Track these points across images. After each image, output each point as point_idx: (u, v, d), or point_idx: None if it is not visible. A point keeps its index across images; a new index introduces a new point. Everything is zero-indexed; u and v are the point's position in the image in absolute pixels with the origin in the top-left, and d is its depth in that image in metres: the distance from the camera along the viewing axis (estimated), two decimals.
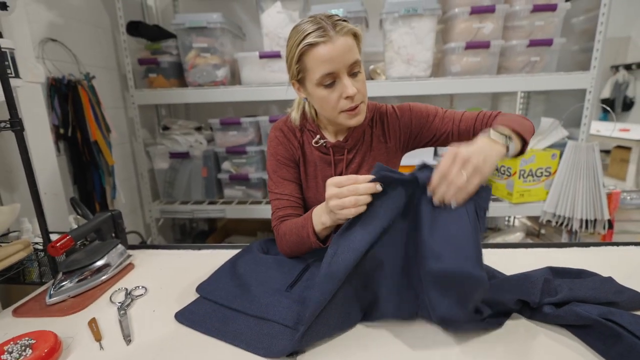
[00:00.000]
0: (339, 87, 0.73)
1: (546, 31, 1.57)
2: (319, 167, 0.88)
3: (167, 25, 1.86)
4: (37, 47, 1.34)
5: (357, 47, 0.74)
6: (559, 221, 1.62)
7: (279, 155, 0.87)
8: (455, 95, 2.06)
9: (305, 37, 0.70)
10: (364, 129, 0.87)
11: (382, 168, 0.60)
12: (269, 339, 0.57)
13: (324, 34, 0.69)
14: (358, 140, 0.87)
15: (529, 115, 2.10)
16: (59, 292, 0.74)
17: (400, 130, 0.87)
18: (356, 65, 0.73)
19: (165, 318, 0.67)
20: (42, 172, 1.22)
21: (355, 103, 0.75)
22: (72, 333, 0.64)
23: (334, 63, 0.70)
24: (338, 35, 0.70)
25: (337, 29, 0.70)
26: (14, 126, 0.80)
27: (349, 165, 0.88)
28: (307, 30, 0.70)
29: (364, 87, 0.76)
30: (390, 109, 0.89)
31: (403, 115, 0.87)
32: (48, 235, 0.88)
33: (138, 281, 0.82)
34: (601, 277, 0.68)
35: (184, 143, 1.83)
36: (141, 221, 2.00)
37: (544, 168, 1.63)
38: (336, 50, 0.69)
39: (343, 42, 0.70)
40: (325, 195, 0.64)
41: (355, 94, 0.73)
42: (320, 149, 0.87)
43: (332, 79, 0.72)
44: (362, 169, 0.88)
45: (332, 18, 0.71)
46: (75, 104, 1.44)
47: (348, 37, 0.71)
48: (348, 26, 0.71)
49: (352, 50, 0.71)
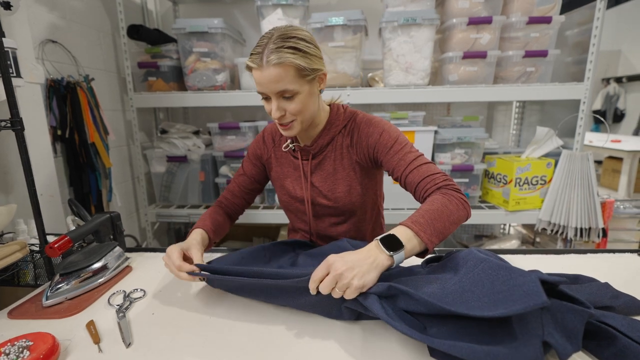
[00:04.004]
0: (270, 104, 0.77)
1: (541, 43, 1.61)
2: (289, 169, 0.94)
3: (168, 30, 1.88)
4: (37, 48, 1.34)
5: (293, 75, 0.72)
6: (554, 229, 1.64)
7: (250, 151, 0.99)
8: (452, 104, 2.09)
9: (250, 55, 0.74)
10: (334, 136, 0.88)
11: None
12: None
13: (256, 60, 0.72)
14: (325, 146, 0.89)
15: (524, 124, 2.13)
16: (56, 294, 0.73)
17: (366, 148, 0.86)
18: (286, 92, 0.74)
19: (165, 321, 0.67)
20: (39, 173, 1.20)
21: (282, 122, 0.79)
22: (69, 335, 0.63)
23: (262, 87, 0.74)
24: (268, 65, 0.71)
25: (268, 59, 0.70)
26: (15, 126, 0.80)
27: (316, 170, 0.90)
28: (253, 50, 0.74)
29: (298, 107, 0.76)
30: (363, 124, 0.87)
31: (370, 136, 0.85)
32: (45, 236, 0.87)
33: (136, 284, 0.81)
34: (598, 282, 0.69)
35: (181, 147, 1.83)
36: (136, 225, 1.98)
37: (539, 176, 1.65)
38: (264, 78, 0.72)
39: (271, 73, 0.71)
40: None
41: (277, 117, 0.77)
42: (290, 152, 0.93)
43: (266, 96, 0.77)
44: (331, 177, 0.90)
45: (274, 44, 0.71)
46: (73, 105, 1.43)
47: (278, 68, 0.71)
48: (279, 59, 0.70)
49: (281, 81, 0.72)
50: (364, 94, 1.67)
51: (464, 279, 0.58)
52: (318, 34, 1.61)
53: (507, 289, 0.52)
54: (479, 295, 0.54)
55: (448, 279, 0.61)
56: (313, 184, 0.91)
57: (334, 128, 0.88)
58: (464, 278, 0.58)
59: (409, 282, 0.62)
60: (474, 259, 0.61)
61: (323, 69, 0.79)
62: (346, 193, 0.90)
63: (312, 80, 0.77)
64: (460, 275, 0.59)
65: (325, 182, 0.90)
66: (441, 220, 0.66)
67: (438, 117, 1.90)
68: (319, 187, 0.91)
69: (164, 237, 2.22)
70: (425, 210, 0.67)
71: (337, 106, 0.91)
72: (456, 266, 0.64)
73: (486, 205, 1.78)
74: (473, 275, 0.58)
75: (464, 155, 1.75)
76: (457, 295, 0.55)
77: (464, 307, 0.51)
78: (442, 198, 0.70)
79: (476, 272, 0.58)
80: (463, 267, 0.61)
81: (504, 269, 0.55)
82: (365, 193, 0.92)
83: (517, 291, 0.50)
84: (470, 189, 1.78)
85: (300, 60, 0.72)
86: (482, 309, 0.50)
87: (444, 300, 0.54)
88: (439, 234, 0.65)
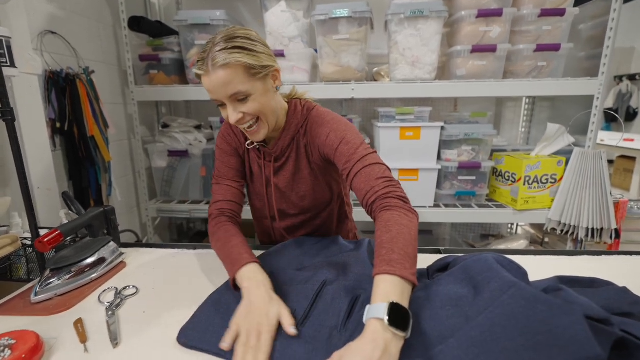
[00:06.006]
0: (226, 110, 0.74)
1: (554, 36, 1.55)
2: (256, 168, 0.90)
3: (170, 22, 1.84)
4: (36, 39, 1.32)
5: (242, 75, 0.69)
6: (564, 229, 1.58)
7: (223, 147, 0.91)
8: (459, 100, 2.03)
9: (197, 62, 0.71)
10: (294, 136, 0.85)
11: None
12: None
13: (202, 67, 0.70)
14: (286, 148, 0.85)
15: (534, 121, 2.07)
16: (45, 290, 0.71)
17: (317, 149, 0.83)
18: (239, 94, 0.70)
19: (156, 320, 0.64)
20: (35, 166, 1.19)
21: (244, 126, 0.76)
22: (55, 334, 0.60)
23: (213, 93, 0.71)
24: (215, 68, 0.68)
25: (214, 62, 0.67)
26: (5, 116, 0.77)
27: (278, 172, 0.88)
28: (198, 56, 0.71)
29: (254, 106, 0.73)
30: (314, 124, 0.82)
31: (319, 137, 0.81)
32: (37, 230, 0.85)
33: (129, 280, 0.78)
34: (615, 287, 0.64)
35: (183, 141, 1.80)
36: (137, 220, 1.96)
37: (549, 175, 1.60)
38: (212, 83, 0.69)
39: (219, 77, 0.68)
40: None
41: (235, 121, 0.73)
42: (254, 150, 0.89)
43: (221, 102, 0.73)
44: (294, 178, 0.87)
45: (218, 46, 0.68)
46: (73, 98, 1.41)
47: (226, 69, 0.67)
48: (225, 60, 0.67)
49: (231, 83, 0.69)
50: (368, 88, 1.62)
51: (491, 307, 0.50)
52: (322, 26, 1.57)
53: (548, 330, 0.45)
54: (512, 333, 0.46)
55: (468, 301, 0.55)
56: (276, 185, 0.89)
57: (293, 128, 0.84)
58: (491, 307, 0.51)
59: (423, 310, 0.57)
60: (499, 279, 0.54)
61: (274, 65, 0.75)
62: (309, 192, 0.88)
63: (264, 78, 0.73)
64: (485, 300, 0.53)
65: (287, 184, 0.88)
66: (409, 244, 0.60)
67: (445, 113, 1.85)
68: (282, 189, 0.89)
69: (165, 232, 2.20)
70: (388, 241, 0.60)
71: (294, 103, 0.86)
72: (472, 280, 0.58)
73: (493, 204, 1.74)
74: (502, 304, 0.50)
75: (471, 152, 1.70)
76: (486, 329, 0.48)
77: (501, 358, 0.45)
78: (391, 216, 0.64)
79: (505, 300, 0.50)
80: (485, 287, 0.55)
81: (542, 303, 0.48)
82: (329, 190, 0.91)
83: (563, 337, 0.44)
84: (477, 187, 1.73)
85: (247, 59, 0.68)
86: (521, 356, 0.44)
87: (472, 340, 0.48)
88: (413, 260, 0.59)
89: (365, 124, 2.02)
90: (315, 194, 0.89)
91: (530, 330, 0.46)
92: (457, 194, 1.73)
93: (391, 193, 0.69)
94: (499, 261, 0.61)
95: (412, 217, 0.66)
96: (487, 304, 0.52)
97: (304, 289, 0.67)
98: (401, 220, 0.63)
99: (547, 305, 0.48)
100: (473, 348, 0.47)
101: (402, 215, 0.64)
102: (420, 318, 0.55)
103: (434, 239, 2.23)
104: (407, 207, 0.68)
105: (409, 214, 0.66)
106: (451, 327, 0.52)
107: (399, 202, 0.68)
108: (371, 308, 0.52)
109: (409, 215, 0.65)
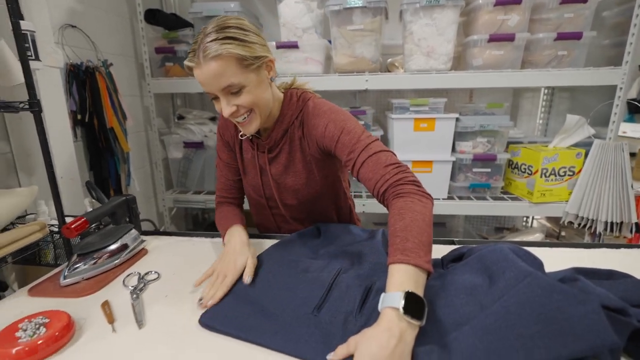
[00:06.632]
0: (220, 103, 0.73)
1: (575, 24, 1.50)
2: (249, 158, 0.90)
3: (185, 14, 1.86)
4: (57, 32, 1.35)
5: (235, 66, 0.68)
6: (582, 223, 1.55)
7: (218, 140, 0.94)
8: (475, 91, 2.00)
9: (188, 54, 0.70)
10: (287, 128, 0.83)
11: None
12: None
13: (193, 58, 0.68)
14: (280, 139, 0.84)
15: (552, 113, 2.02)
16: (73, 274, 0.74)
17: (314, 141, 0.81)
18: (232, 87, 0.69)
19: (178, 304, 0.66)
20: (59, 157, 1.23)
21: (237, 119, 0.75)
22: (85, 314, 0.63)
23: (206, 86, 0.70)
24: (206, 60, 0.66)
25: (205, 53, 0.66)
26: (33, 107, 0.81)
27: (272, 163, 0.87)
28: (189, 48, 0.70)
29: (248, 99, 0.71)
30: (311, 115, 0.81)
31: (316, 128, 0.79)
32: (64, 217, 0.88)
33: (151, 266, 0.81)
34: (634, 279, 0.63)
35: (198, 133, 1.83)
36: (154, 210, 2.01)
37: (567, 167, 1.56)
38: (204, 75, 0.68)
39: (211, 68, 0.67)
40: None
41: (229, 114, 0.72)
42: (247, 141, 0.88)
43: (214, 95, 0.72)
44: (288, 171, 0.86)
45: (209, 37, 0.66)
46: (92, 90, 1.44)
47: (218, 61, 0.66)
48: (216, 51, 0.65)
49: (224, 75, 0.67)
50: (383, 79, 1.61)
51: (506, 296, 0.51)
52: (336, 16, 1.56)
53: (564, 318, 0.45)
54: (527, 320, 0.46)
55: (483, 290, 0.55)
56: (272, 176, 0.88)
57: (287, 119, 0.83)
58: (507, 295, 0.51)
59: (438, 298, 0.57)
60: (515, 269, 0.54)
61: (268, 55, 0.73)
62: (304, 186, 0.87)
63: (257, 69, 0.71)
64: (500, 289, 0.53)
65: (281, 176, 0.87)
66: (423, 231, 0.60)
67: (460, 104, 1.82)
68: (277, 180, 0.88)
69: (181, 222, 2.25)
70: (401, 229, 0.59)
71: (290, 93, 0.84)
72: (488, 270, 0.58)
73: (509, 196, 1.71)
74: (517, 292, 0.50)
75: (486, 144, 1.67)
76: (501, 317, 0.48)
77: (517, 344, 0.45)
78: (404, 204, 0.63)
79: (521, 288, 0.50)
80: (501, 276, 0.55)
81: (559, 292, 0.48)
82: (326, 183, 0.89)
83: (579, 325, 0.44)
84: (492, 179, 1.71)
85: (239, 50, 0.67)
86: (536, 343, 0.44)
87: (486, 327, 0.48)
88: (428, 247, 0.59)
89: (379, 115, 2.01)
90: (308, 188, 0.87)
91: (545, 318, 0.46)
92: (471, 186, 1.72)
93: (403, 179, 0.68)
94: (514, 251, 0.61)
95: (427, 202, 0.65)
96: (502, 292, 0.52)
97: (320, 277, 0.69)
98: (415, 207, 0.63)
99: (563, 294, 0.48)
100: (487, 335, 0.47)
101: (415, 202, 0.64)
102: (434, 306, 0.56)
103: (447, 232, 2.22)
104: (421, 191, 0.67)
105: (423, 199, 0.65)
106: (465, 314, 0.53)
107: (412, 187, 0.67)
108: (386, 297, 0.53)
109: (422, 201, 0.64)
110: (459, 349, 0.47)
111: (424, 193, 0.67)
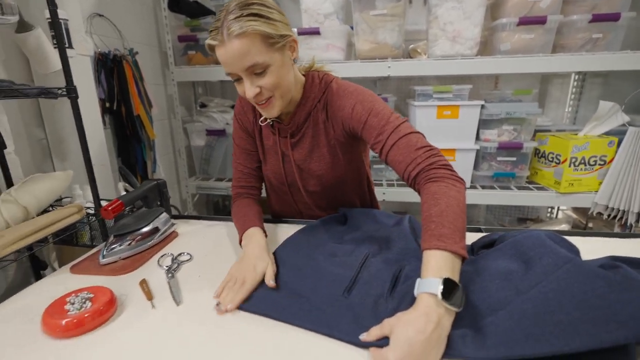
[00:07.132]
0: (242, 85, 0.70)
1: (612, 4, 1.43)
2: (269, 143, 0.88)
3: (207, 2, 1.87)
4: (86, 21, 1.38)
5: (260, 45, 0.65)
6: (612, 214, 1.50)
7: (235, 127, 0.91)
8: (501, 77, 1.94)
9: (209, 32, 0.67)
10: (310, 111, 0.81)
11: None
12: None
13: (216, 36, 0.65)
14: (302, 123, 0.82)
15: (583, 99, 1.94)
16: (111, 254, 0.78)
17: (340, 123, 0.79)
18: (256, 67, 0.66)
19: (211, 284, 0.68)
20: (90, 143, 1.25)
21: (258, 101, 0.72)
22: (124, 291, 0.66)
23: (229, 66, 0.67)
24: (230, 38, 0.63)
25: (229, 31, 0.63)
26: (70, 93, 0.83)
27: (295, 148, 0.85)
28: (211, 26, 0.67)
29: (272, 80, 0.69)
30: (335, 96, 0.78)
31: (342, 110, 0.77)
32: (99, 200, 0.92)
33: (182, 248, 0.84)
34: None
35: (220, 120, 1.85)
36: (178, 196, 2.06)
37: (598, 156, 1.51)
38: (228, 54, 0.65)
39: (235, 47, 0.64)
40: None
41: (252, 96, 0.70)
42: (268, 127, 0.86)
43: (237, 77, 0.70)
44: (312, 155, 0.84)
45: (232, 14, 0.64)
46: (120, 78, 1.48)
47: (242, 39, 0.63)
48: (241, 29, 0.63)
49: (249, 54, 0.64)
50: (405, 65, 1.58)
51: (545, 282, 0.50)
52: (359, 1, 1.53)
53: (607, 305, 0.44)
54: (567, 307, 0.46)
55: (519, 276, 0.54)
56: (295, 162, 0.86)
57: (309, 102, 0.80)
58: (545, 281, 0.50)
59: (472, 283, 0.57)
60: (554, 254, 0.53)
61: (292, 34, 0.71)
62: (328, 169, 0.85)
63: (282, 49, 0.69)
64: (537, 274, 0.52)
65: (305, 161, 0.86)
66: (458, 217, 0.59)
67: (485, 90, 1.77)
68: (300, 166, 0.87)
69: (203, 208, 2.31)
70: (437, 214, 0.59)
71: (312, 76, 0.82)
72: (524, 255, 0.57)
73: (534, 186, 1.67)
74: (557, 278, 0.49)
75: (512, 132, 1.63)
76: (539, 302, 0.48)
77: (556, 330, 0.44)
78: (438, 189, 0.62)
79: (561, 275, 0.49)
80: (537, 262, 0.54)
81: (601, 278, 0.47)
82: (349, 167, 0.88)
83: (622, 312, 0.43)
84: (517, 168, 1.67)
85: (264, 27, 0.64)
86: (576, 329, 0.43)
87: (524, 312, 0.47)
88: (463, 232, 0.59)
89: (400, 103, 1.98)
90: (333, 172, 0.86)
91: (587, 305, 0.45)
92: (495, 175, 1.68)
93: (435, 163, 0.66)
94: (551, 237, 0.60)
95: (460, 187, 0.64)
96: (539, 278, 0.52)
97: (348, 261, 0.70)
98: (449, 192, 0.62)
99: (605, 281, 0.47)
100: (525, 320, 0.47)
101: (449, 186, 0.63)
102: (468, 290, 0.56)
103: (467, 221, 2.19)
104: (455, 176, 0.66)
105: (457, 184, 0.64)
106: (501, 299, 0.53)
107: (446, 171, 0.65)
108: (422, 282, 0.53)
109: (456, 186, 0.64)
110: (494, 332, 0.47)
111: (457, 178, 0.66)
